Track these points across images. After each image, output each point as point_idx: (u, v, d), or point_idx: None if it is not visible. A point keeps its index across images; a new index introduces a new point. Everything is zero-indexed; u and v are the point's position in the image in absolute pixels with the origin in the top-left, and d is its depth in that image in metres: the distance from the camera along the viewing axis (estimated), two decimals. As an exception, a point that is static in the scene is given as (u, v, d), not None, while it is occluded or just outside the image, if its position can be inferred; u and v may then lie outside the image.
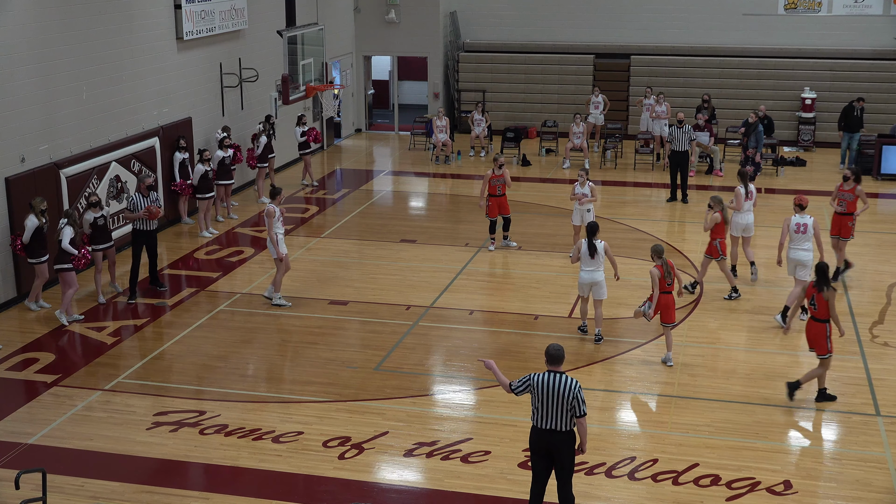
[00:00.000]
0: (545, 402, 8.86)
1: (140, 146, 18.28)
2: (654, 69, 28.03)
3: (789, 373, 12.97)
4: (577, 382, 8.86)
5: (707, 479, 10.38)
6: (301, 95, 20.81)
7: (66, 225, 14.49)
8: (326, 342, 14.08)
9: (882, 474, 10.52)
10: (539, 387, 8.86)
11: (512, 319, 14.85)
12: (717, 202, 15.31)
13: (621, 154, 25.80)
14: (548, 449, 9.01)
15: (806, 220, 14.52)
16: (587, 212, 17.25)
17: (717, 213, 15.21)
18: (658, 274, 12.97)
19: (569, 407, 8.81)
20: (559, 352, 8.94)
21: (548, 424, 8.91)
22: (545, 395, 8.84)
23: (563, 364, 8.98)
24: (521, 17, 29.43)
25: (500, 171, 17.81)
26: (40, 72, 15.66)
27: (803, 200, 14.71)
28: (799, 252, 14.49)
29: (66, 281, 14.50)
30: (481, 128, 25.89)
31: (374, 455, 10.91)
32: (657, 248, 13.13)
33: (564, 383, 8.82)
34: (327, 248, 18.37)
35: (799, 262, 14.49)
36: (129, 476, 10.49)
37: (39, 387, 12.64)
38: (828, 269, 12.00)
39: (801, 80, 27.06)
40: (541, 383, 8.86)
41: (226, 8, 20.98)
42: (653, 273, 13.02)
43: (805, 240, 14.49)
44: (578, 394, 8.80)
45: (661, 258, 13.07)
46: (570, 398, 8.78)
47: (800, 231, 14.51)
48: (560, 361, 8.94)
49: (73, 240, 14.48)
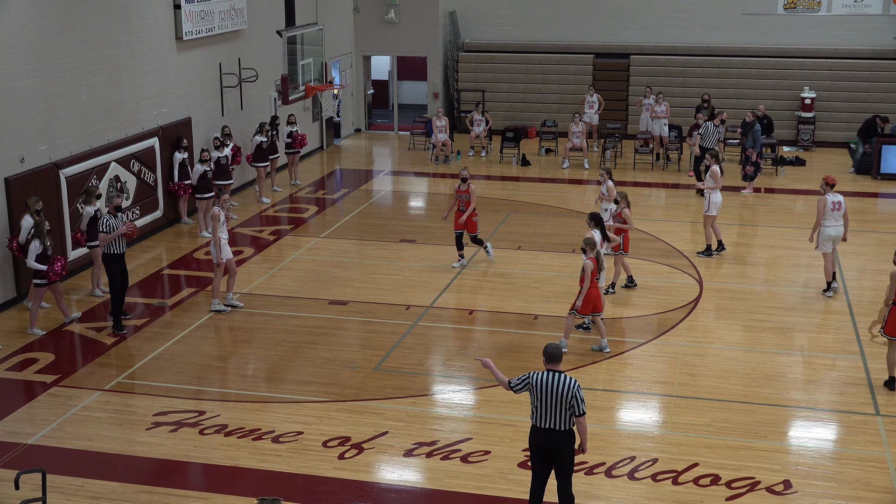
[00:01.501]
0: (544, 401, 8.85)
1: (140, 146, 18.28)
2: (654, 69, 28.04)
3: (789, 372, 12.99)
4: (576, 382, 8.85)
5: (707, 478, 10.38)
6: (300, 95, 20.82)
7: (34, 238, 14.01)
8: (326, 342, 14.08)
9: (882, 474, 10.52)
10: (538, 386, 8.86)
11: (512, 319, 14.84)
12: (622, 198, 15.56)
13: (621, 154, 25.81)
14: (547, 448, 9.00)
15: (839, 197, 15.49)
16: (604, 211, 17.17)
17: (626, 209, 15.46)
18: (591, 266, 13.19)
19: (568, 406, 8.81)
20: (557, 350, 8.94)
21: (547, 423, 8.90)
22: (544, 395, 8.83)
23: (561, 363, 8.98)
24: (521, 17, 29.43)
25: (464, 187, 16.89)
26: (40, 72, 15.65)
27: (832, 179, 15.58)
28: (835, 228, 15.48)
29: (35, 294, 14.30)
30: (481, 128, 25.89)
31: (374, 455, 10.91)
32: (590, 241, 13.39)
33: (563, 382, 8.81)
34: (327, 248, 18.37)
35: (835, 237, 15.53)
36: (129, 476, 10.48)
37: (39, 387, 12.64)
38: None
39: (800, 80, 27.07)
40: (540, 382, 8.86)
41: (225, 8, 20.98)
42: (587, 265, 13.17)
43: (839, 216, 15.49)
44: (578, 393, 8.79)
45: (595, 251, 13.32)
46: (569, 397, 8.77)
47: (836, 209, 15.43)
48: (558, 360, 8.93)
49: (43, 254, 13.97)
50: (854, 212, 20.74)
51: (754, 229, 19.67)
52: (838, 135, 26.76)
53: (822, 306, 15.37)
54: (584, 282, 13.18)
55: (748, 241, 18.90)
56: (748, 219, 20.49)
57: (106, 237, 14.14)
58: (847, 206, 15.80)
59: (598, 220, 14.13)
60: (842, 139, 26.64)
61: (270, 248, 18.32)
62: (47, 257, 14.01)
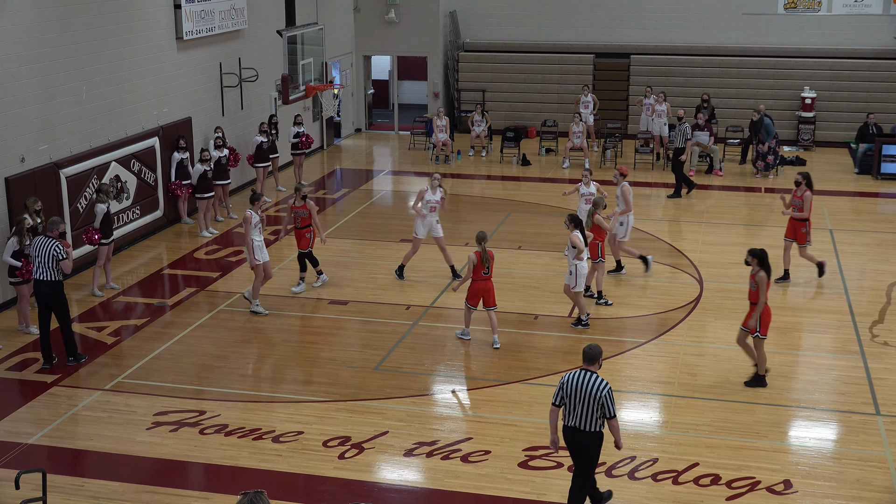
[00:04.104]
0: (573, 399, 9.06)
1: (140, 146, 18.29)
2: (654, 69, 28.03)
3: (789, 372, 12.99)
4: (606, 384, 9.00)
5: (707, 478, 10.38)
6: (301, 95, 20.81)
7: (13, 235, 13.91)
8: (326, 342, 14.08)
9: (882, 474, 10.51)
10: (569, 383, 9.07)
11: (512, 319, 14.84)
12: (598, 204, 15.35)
13: (621, 153, 25.80)
14: (574, 445, 9.20)
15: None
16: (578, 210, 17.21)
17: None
18: (475, 260, 13.52)
19: (597, 407, 8.96)
20: (593, 350, 9.17)
21: (572, 422, 9.10)
22: (573, 393, 9.04)
23: (596, 363, 9.14)
24: (521, 17, 29.42)
25: (301, 203, 15.81)
26: (40, 71, 15.65)
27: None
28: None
29: (19, 293, 14.30)
30: (482, 128, 25.90)
31: (375, 455, 10.91)
32: (479, 235, 13.74)
33: (594, 383, 8.99)
34: (327, 247, 18.35)
35: None
36: (130, 476, 10.48)
37: (39, 387, 12.64)
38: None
39: (800, 80, 27.06)
40: (572, 381, 9.07)
41: (225, 8, 20.97)
42: (470, 258, 13.59)
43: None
44: (608, 395, 8.94)
45: (481, 245, 13.60)
46: (598, 398, 8.94)
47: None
48: (593, 360, 9.13)
49: (19, 251, 13.84)
50: (854, 212, 20.78)
51: (755, 229, 19.67)
52: (839, 135, 26.74)
53: (822, 306, 15.37)
54: (468, 272, 13.67)
55: (748, 240, 18.87)
56: (748, 218, 20.50)
57: (68, 264, 13.07)
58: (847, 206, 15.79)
59: (576, 222, 14.18)
60: (842, 139, 26.63)
61: (271, 248, 18.29)
62: (23, 255, 13.88)
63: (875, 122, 24.65)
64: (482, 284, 13.69)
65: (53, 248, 12.94)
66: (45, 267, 12.98)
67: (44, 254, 12.95)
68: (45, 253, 12.94)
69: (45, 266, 12.98)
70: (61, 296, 13.14)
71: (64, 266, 12.98)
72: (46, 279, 13.01)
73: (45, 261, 12.96)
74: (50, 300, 13.09)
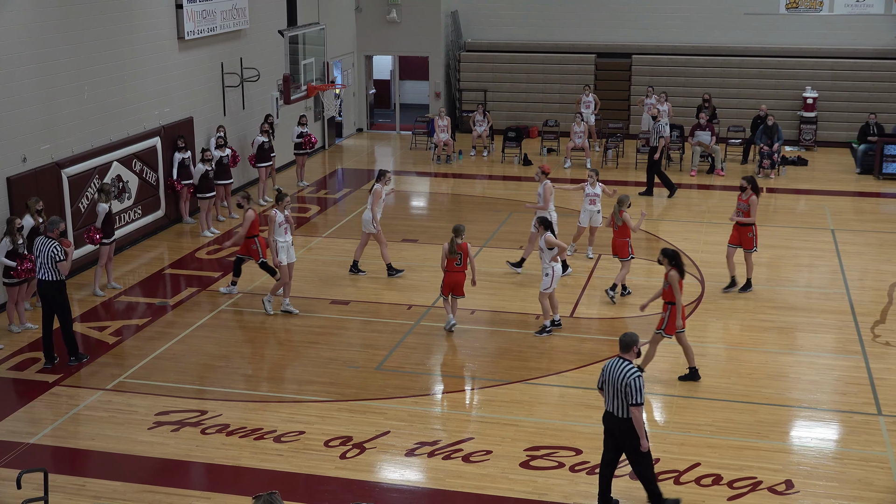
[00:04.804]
0: (607, 384, 9.49)
1: (141, 146, 18.29)
2: (656, 69, 28.02)
3: (790, 372, 12.98)
4: (634, 371, 9.31)
5: (709, 478, 10.38)
6: (302, 95, 20.82)
7: (5, 235, 13.94)
8: (328, 342, 14.08)
9: (884, 474, 10.51)
10: (606, 370, 9.54)
11: (513, 319, 14.84)
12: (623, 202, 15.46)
13: (622, 153, 25.80)
14: (611, 430, 9.58)
15: None
16: (597, 213, 17.19)
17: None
18: (445, 249, 14.07)
19: (623, 393, 9.26)
20: (626, 338, 9.56)
21: (608, 406, 9.54)
22: (608, 378, 9.49)
23: (630, 351, 9.47)
24: (523, 17, 29.43)
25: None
26: (41, 71, 15.66)
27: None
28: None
29: (9, 293, 14.28)
30: (483, 128, 25.90)
31: (376, 455, 10.91)
32: (456, 227, 14.19)
33: (621, 369, 9.35)
34: (329, 247, 18.37)
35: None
36: (131, 476, 10.49)
37: (41, 386, 12.64)
38: None
39: (802, 80, 27.05)
40: (608, 367, 9.53)
41: (227, 7, 20.98)
42: (444, 247, 14.13)
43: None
44: (633, 382, 9.24)
45: (457, 236, 14.05)
46: (623, 384, 9.25)
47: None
48: (627, 348, 9.51)
49: (13, 251, 13.88)
50: (856, 212, 20.77)
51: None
52: (840, 134, 26.73)
53: (823, 306, 15.36)
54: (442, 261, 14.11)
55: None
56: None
57: (65, 265, 13.06)
58: (849, 205, 15.78)
59: (546, 224, 14.24)
60: (844, 139, 26.62)
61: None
62: (18, 255, 13.89)
63: (877, 122, 24.65)
64: (456, 276, 14.08)
65: (52, 249, 12.97)
66: (46, 267, 13.03)
67: (44, 254, 13.00)
68: (44, 253, 13.00)
69: (45, 266, 13.03)
70: (63, 296, 13.16)
71: (61, 267, 13.01)
72: (48, 279, 13.06)
73: (45, 261, 13.02)
74: (51, 300, 13.13)
